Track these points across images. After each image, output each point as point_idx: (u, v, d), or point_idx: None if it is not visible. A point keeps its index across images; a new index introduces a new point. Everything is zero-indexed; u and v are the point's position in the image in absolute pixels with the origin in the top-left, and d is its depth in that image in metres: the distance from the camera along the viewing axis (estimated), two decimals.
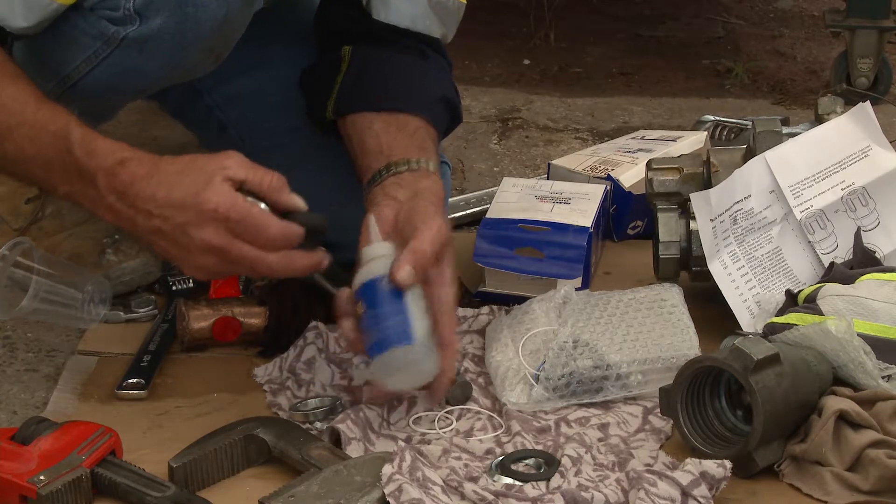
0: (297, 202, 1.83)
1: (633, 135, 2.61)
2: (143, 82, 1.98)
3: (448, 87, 2.12)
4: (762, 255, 2.05)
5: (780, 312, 1.98)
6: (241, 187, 1.80)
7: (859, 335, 1.87)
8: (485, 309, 2.12)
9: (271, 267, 1.81)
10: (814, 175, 2.06)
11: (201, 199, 1.78)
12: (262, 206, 1.81)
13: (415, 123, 2.03)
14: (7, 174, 2.05)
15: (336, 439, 1.84)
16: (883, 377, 1.85)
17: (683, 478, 1.70)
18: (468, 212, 2.49)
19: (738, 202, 2.05)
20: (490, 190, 2.47)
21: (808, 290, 1.97)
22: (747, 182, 2.05)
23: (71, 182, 1.85)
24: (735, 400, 1.83)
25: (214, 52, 1.95)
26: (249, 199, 1.80)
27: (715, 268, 2.04)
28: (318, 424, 1.88)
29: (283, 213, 1.82)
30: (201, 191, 1.78)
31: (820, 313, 1.92)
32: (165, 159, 1.84)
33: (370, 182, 1.99)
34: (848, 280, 1.98)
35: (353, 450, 1.82)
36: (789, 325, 1.91)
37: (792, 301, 1.99)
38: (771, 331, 1.92)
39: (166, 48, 1.89)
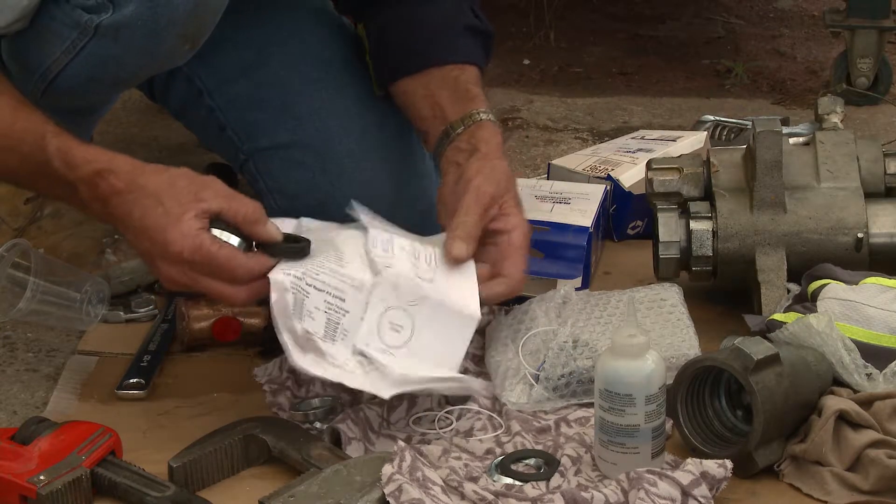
0: (273, 234, 1.84)
1: (633, 135, 2.61)
2: (121, 72, 1.98)
3: (465, 14, 2.14)
4: None
5: (787, 308, 1.98)
6: (217, 218, 1.82)
7: (854, 341, 1.87)
8: (485, 309, 2.11)
9: (236, 300, 1.85)
10: None
11: (168, 238, 1.80)
12: (235, 240, 1.83)
13: (453, 72, 2.08)
14: (5, 182, 2.09)
15: (336, 439, 1.84)
16: (864, 374, 1.86)
17: (684, 478, 1.70)
18: None
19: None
20: None
21: (816, 285, 1.97)
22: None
23: (55, 189, 1.90)
24: (735, 400, 1.83)
25: (189, 38, 1.95)
26: (222, 233, 1.83)
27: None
28: (318, 424, 1.88)
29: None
30: (169, 228, 1.80)
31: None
32: (146, 173, 1.86)
33: (436, 152, 2.05)
34: (852, 280, 1.98)
35: (353, 450, 1.82)
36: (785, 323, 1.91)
37: (801, 296, 1.99)
38: (770, 327, 1.92)
39: (140, 35, 1.90)
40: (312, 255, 1.85)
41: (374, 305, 1.85)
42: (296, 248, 1.85)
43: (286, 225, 1.90)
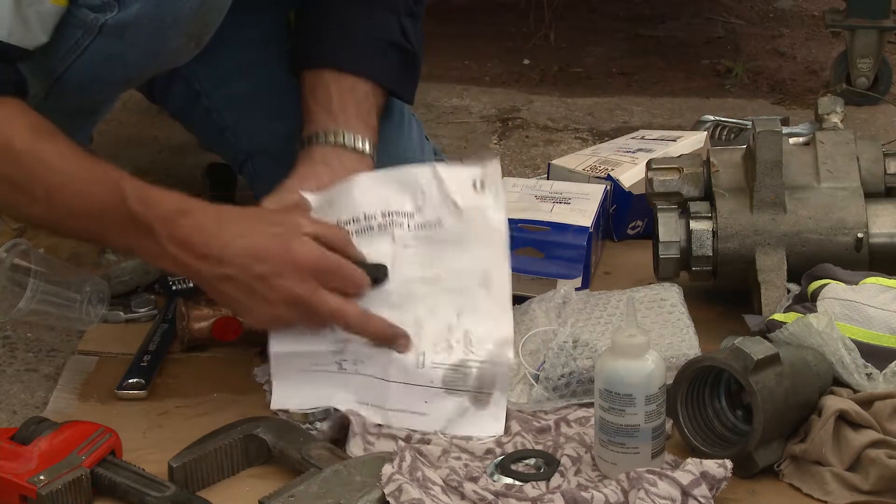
0: (361, 256, 1.89)
1: (633, 135, 2.61)
2: (126, 71, 1.98)
3: (392, 31, 2.11)
4: None
5: (787, 308, 1.98)
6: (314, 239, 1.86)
7: (854, 341, 1.87)
8: None
9: (349, 320, 1.86)
10: None
11: (294, 250, 1.82)
12: None
13: (363, 88, 2.07)
14: (59, 233, 2.07)
15: (336, 438, 1.84)
16: (864, 374, 1.86)
17: (684, 477, 1.70)
18: None
19: None
20: None
21: (816, 285, 1.97)
22: None
23: (126, 235, 1.86)
24: (735, 400, 1.83)
25: (194, 37, 1.95)
26: None
27: None
28: (318, 424, 1.88)
29: None
30: (292, 242, 1.83)
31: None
32: (227, 209, 1.88)
33: (313, 137, 2.03)
34: (852, 280, 1.98)
35: (355, 447, 1.82)
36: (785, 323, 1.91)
37: (801, 296, 1.99)
38: (769, 328, 1.92)
39: (146, 34, 1.90)
40: None
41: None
42: (382, 270, 1.89)
43: None
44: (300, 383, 1.89)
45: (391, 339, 1.87)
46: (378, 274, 1.89)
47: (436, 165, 1.97)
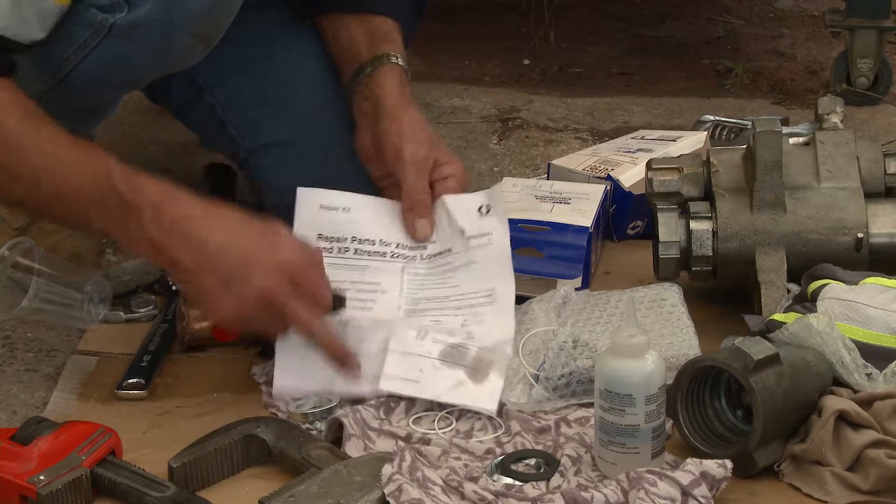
0: (328, 278, 1.90)
1: (633, 135, 2.61)
2: (133, 71, 1.98)
3: None
4: None
5: (787, 308, 1.98)
6: None
7: (854, 341, 1.87)
8: None
9: (312, 332, 1.87)
10: None
11: (276, 251, 1.84)
12: None
13: (381, 22, 2.13)
14: (37, 215, 2.08)
15: (336, 438, 1.84)
16: (864, 374, 1.86)
17: (684, 477, 1.70)
18: None
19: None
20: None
21: (816, 285, 1.97)
22: None
23: (110, 218, 1.85)
24: (735, 400, 1.83)
25: (203, 39, 1.95)
26: None
27: None
28: (318, 424, 1.88)
29: None
30: (274, 244, 1.85)
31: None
32: (214, 204, 1.88)
33: (347, 90, 2.12)
34: (852, 280, 1.98)
35: (353, 448, 1.82)
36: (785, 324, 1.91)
37: (801, 296, 1.99)
38: (769, 328, 1.92)
39: (154, 35, 1.90)
40: None
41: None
42: (342, 297, 1.91)
43: None
44: (302, 368, 1.91)
45: (343, 359, 1.89)
46: (337, 302, 1.91)
47: (444, 197, 2.04)
